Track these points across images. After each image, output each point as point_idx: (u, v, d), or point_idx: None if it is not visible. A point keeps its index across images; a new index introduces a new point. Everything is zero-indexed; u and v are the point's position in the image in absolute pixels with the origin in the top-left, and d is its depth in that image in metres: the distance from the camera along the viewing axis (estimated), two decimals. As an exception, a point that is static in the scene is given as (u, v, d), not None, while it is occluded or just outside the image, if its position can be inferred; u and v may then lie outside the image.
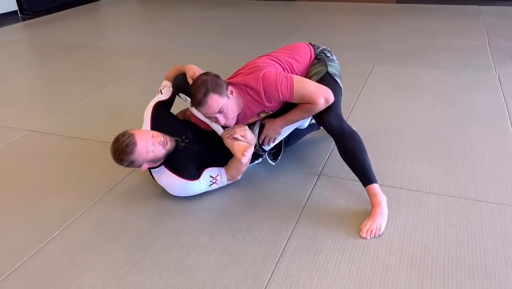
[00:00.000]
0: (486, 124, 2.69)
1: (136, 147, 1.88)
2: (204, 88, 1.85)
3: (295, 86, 1.96)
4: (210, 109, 1.89)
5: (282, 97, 1.98)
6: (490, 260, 1.67)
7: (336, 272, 1.65)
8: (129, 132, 1.93)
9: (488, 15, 5.37)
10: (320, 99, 1.95)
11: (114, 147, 1.91)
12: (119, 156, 1.90)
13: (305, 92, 1.96)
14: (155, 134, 1.99)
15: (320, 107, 1.97)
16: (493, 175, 2.19)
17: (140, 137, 1.91)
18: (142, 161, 1.94)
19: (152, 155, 1.94)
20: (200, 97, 1.85)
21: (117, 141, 1.90)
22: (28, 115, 3.14)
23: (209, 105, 1.87)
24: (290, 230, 1.88)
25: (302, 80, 2.02)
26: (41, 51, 4.80)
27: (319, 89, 1.98)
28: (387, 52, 4.14)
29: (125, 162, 1.91)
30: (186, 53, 4.41)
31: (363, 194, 2.05)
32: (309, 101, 1.97)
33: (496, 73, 3.51)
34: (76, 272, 1.72)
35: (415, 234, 1.83)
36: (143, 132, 1.97)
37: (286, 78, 1.97)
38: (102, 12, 6.77)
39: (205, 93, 1.85)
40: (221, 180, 2.10)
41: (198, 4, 6.82)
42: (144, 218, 2.01)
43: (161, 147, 1.96)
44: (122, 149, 1.88)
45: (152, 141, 1.93)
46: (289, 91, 1.96)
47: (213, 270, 1.69)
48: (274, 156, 2.29)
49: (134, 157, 1.90)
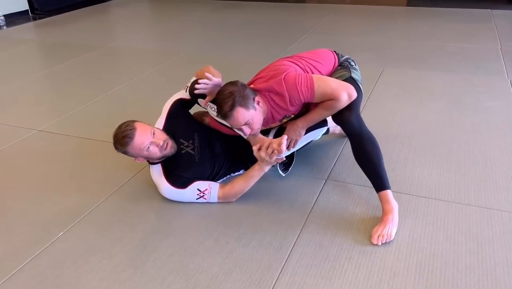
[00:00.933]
0: (497, 130, 2.64)
1: (132, 141, 1.92)
2: (231, 101, 1.82)
3: (316, 85, 1.90)
4: (236, 122, 1.87)
5: (303, 98, 1.92)
6: (501, 270, 1.63)
7: (342, 279, 1.62)
8: (132, 125, 1.95)
9: (500, 19, 5.30)
10: (343, 94, 1.88)
11: (115, 132, 1.97)
12: (115, 143, 1.96)
13: (326, 89, 1.90)
14: (158, 135, 1.98)
15: (343, 103, 1.91)
16: (505, 182, 2.15)
17: (140, 134, 1.93)
18: (135, 155, 1.99)
19: (146, 153, 1.97)
20: (226, 110, 1.83)
21: (120, 128, 1.96)
22: (36, 115, 3.14)
23: (235, 118, 1.85)
24: (296, 235, 1.85)
25: (322, 78, 1.97)
26: (51, 51, 4.82)
27: (340, 85, 1.92)
28: (397, 55, 4.10)
29: (118, 150, 1.97)
30: (194, 54, 4.39)
31: (371, 200, 2.02)
32: (331, 98, 1.90)
33: (508, 78, 3.45)
34: (79, 274, 1.70)
35: (423, 241, 1.79)
36: (145, 129, 1.96)
37: (306, 78, 1.91)
38: (112, 13, 6.79)
39: (231, 106, 1.82)
40: (209, 196, 2.05)
41: (207, 6, 6.82)
42: (148, 221, 1.99)
43: (158, 149, 1.97)
44: (119, 138, 1.93)
45: (151, 141, 1.94)
46: (310, 91, 1.90)
47: (217, 275, 1.67)
48: (285, 166, 2.25)
49: (127, 149, 1.95)
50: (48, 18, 6.33)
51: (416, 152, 2.44)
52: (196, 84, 1.94)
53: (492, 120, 2.76)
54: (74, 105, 3.26)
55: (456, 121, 2.77)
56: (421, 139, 2.57)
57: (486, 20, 5.28)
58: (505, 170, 2.24)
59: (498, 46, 4.26)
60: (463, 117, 2.82)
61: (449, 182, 2.16)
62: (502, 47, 4.20)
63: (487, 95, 3.13)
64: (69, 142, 2.73)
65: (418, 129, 2.69)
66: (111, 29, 5.86)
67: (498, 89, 3.24)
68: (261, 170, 2.03)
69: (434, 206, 2.00)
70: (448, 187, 2.13)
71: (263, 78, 2.01)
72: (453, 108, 2.96)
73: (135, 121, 1.99)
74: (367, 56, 4.09)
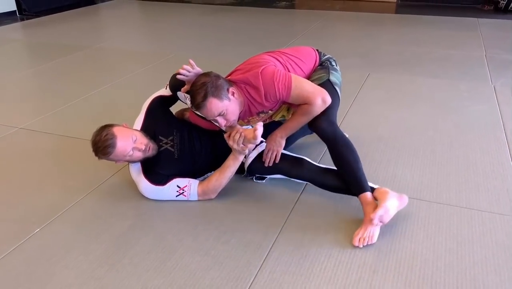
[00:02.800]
0: (480, 133, 2.65)
1: (115, 150, 1.89)
2: (203, 91, 1.80)
3: (293, 85, 1.89)
4: (210, 113, 1.85)
5: (279, 95, 1.91)
6: (479, 269, 1.63)
7: (321, 277, 1.60)
8: (112, 132, 1.89)
9: (486, 27, 5.37)
10: (317, 99, 1.89)
11: (94, 140, 1.91)
12: (96, 151, 1.91)
13: (303, 92, 1.90)
14: (139, 140, 1.94)
15: (318, 108, 1.91)
16: (486, 183, 2.15)
17: (121, 141, 1.89)
18: (116, 160, 1.96)
19: (128, 158, 1.95)
20: (199, 101, 1.81)
21: (99, 136, 1.90)
22: (18, 113, 3.10)
23: (208, 109, 1.83)
24: (276, 233, 1.84)
25: (300, 79, 1.96)
26: (37, 50, 4.77)
27: (316, 89, 1.93)
28: (384, 61, 4.12)
29: (100, 157, 1.93)
30: (183, 55, 4.38)
31: (351, 200, 2.00)
32: (305, 101, 1.90)
33: (492, 83, 3.49)
34: (53, 271, 1.67)
35: (403, 240, 1.78)
36: (126, 135, 1.92)
37: (284, 76, 1.91)
38: (101, 15, 6.76)
39: (204, 97, 1.80)
40: (189, 193, 2.03)
41: (197, 9, 6.83)
42: (127, 219, 1.96)
43: (140, 154, 1.95)
44: (100, 147, 1.89)
45: (132, 146, 1.91)
46: (286, 89, 1.89)
47: (195, 272, 1.64)
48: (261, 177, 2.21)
49: (109, 157, 1.92)
50: (36, 19, 6.28)
51: (399, 153, 2.44)
52: (180, 70, 1.91)
53: (475, 123, 2.78)
54: (58, 103, 3.23)
55: (440, 125, 2.78)
56: (404, 141, 2.58)
57: (472, 28, 5.34)
58: (486, 171, 2.25)
59: (483, 53, 4.30)
60: (447, 120, 2.84)
61: (431, 183, 2.17)
62: (487, 54, 4.25)
63: (471, 100, 3.15)
64: (50, 140, 2.70)
65: (402, 132, 2.70)
66: (99, 30, 5.83)
67: (482, 94, 3.26)
68: (236, 159, 2.01)
69: (416, 205, 1.99)
70: (429, 187, 2.13)
71: (241, 70, 2.00)
72: (437, 112, 2.97)
73: (113, 126, 1.94)
74: (354, 60, 4.11)
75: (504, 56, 4.19)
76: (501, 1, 6.41)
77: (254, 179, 2.19)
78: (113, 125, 1.95)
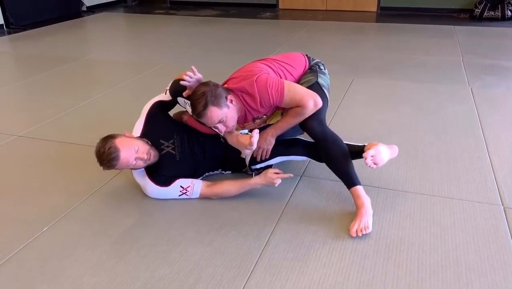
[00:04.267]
0: (459, 131, 2.83)
1: (119, 162, 1.99)
2: (204, 100, 1.92)
3: (285, 90, 2.01)
4: (210, 121, 1.97)
5: (272, 101, 2.03)
6: (461, 250, 1.77)
7: (317, 262, 1.73)
8: (115, 146, 1.97)
9: (462, 34, 5.62)
10: (309, 102, 2.01)
11: (98, 152, 1.99)
12: (100, 163, 2.00)
13: (295, 96, 2.02)
14: (141, 149, 2.03)
15: (309, 111, 2.03)
16: (465, 175, 2.31)
17: (124, 153, 1.98)
18: (120, 169, 2.10)
19: (131, 167, 2.06)
20: (200, 110, 1.93)
21: (103, 148, 1.97)
22: (15, 122, 3.17)
23: (208, 117, 1.95)
24: (273, 224, 1.96)
25: (292, 84, 2.09)
26: (27, 62, 4.84)
27: (308, 92, 2.05)
28: (367, 67, 4.30)
29: (104, 168, 2.03)
30: (171, 65, 4.50)
31: (342, 193, 2.14)
32: (298, 104, 2.02)
33: (469, 86, 3.69)
34: (64, 264, 1.76)
35: (391, 228, 1.92)
36: (128, 146, 2.00)
37: (277, 83, 2.03)
38: (88, 27, 6.85)
39: (204, 106, 1.92)
40: (192, 192, 2.13)
41: (184, 21, 6.96)
42: (131, 216, 2.06)
43: (142, 162, 2.05)
44: (105, 160, 1.98)
45: (135, 157, 2.01)
46: (279, 95, 2.01)
47: (199, 261, 1.75)
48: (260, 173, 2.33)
49: (114, 167, 2.02)
50: (23, 32, 6.33)
51: (385, 151, 2.59)
52: (183, 76, 2.02)
53: (454, 123, 2.96)
54: (53, 113, 3.31)
55: (422, 124, 2.95)
56: (389, 140, 2.71)
57: (449, 35, 5.59)
58: (466, 165, 2.42)
59: (460, 58, 4.52)
60: (428, 120, 3.01)
61: (415, 177, 2.32)
62: (464, 59, 4.47)
63: (450, 102, 3.34)
64: (49, 146, 2.78)
65: (386, 132, 2.86)
66: (87, 42, 5.92)
67: (460, 96, 3.45)
68: (255, 184, 2.13)
69: (402, 197, 2.14)
70: (414, 180, 2.28)
71: (237, 78, 2.12)
72: (418, 113, 3.14)
73: (115, 138, 2.01)
74: (338, 67, 4.28)
75: (480, 60, 4.41)
76: (476, 10, 6.71)
77: (254, 175, 2.30)
78: (115, 137, 2.02)
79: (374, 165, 1.98)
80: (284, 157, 2.25)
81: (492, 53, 4.69)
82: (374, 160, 1.97)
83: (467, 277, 1.64)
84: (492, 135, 2.77)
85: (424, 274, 1.66)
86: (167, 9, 8.22)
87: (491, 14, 6.60)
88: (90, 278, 1.68)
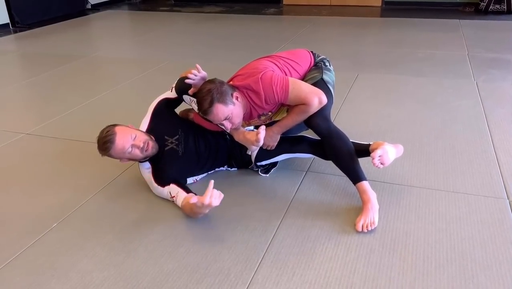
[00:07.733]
0: (464, 125, 2.83)
1: (113, 145, 2.03)
2: (210, 98, 1.94)
3: (290, 87, 2.02)
4: (216, 118, 1.99)
5: (277, 98, 2.04)
6: (467, 244, 1.78)
7: (323, 256, 1.75)
8: (112, 130, 2.05)
9: (467, 28, 5.60)
10: (314, 99, 2.02)
11: (97, 137, 2.08)
12: (98, 148, 2.07)
13: (300, 93, 2.03)
14: (139, 138, 2.06)
15: (314, 108, 2.04)
16: (471, 169, 2.32)
17: (120, 138, 2.03)
18: (118, 157, 2.10)
19: (128, 155, 2.08)
20: (206, 107, 1.95)
21: (101, 133, 2.06)
22: (23, 120, 3.21)
23: (214, 114, 1.97)
24: (279, 219, 1.98)
25: (297, 81, 2.10)
26: (33, 61, 4.87)
27: (313, 90, 2.05)
28: (372, 62, 4.30)
29: (102, 154, 2.08)
30: (176, 63, 4.52)
31: (347, 188, 2.16)
32: (303, 102, 2.03)
33: (474, 80, 3.68)
34: (74, 259, 1.79)
35: (397, 222, 1.93)
36: (125, 133, 2.05)
37: (282, 80, 2.04)
38: (93, 25, 6.88)
39: (210, 103, 1.94)
40: (177, 201, 2.07)
41: (188, 18, 6.98)
42: (138, 211, 2.08)
43: (139, 151, 2.07)
44: (100, 143, 2.05)
45: (131, 144, 2.04)
46: (284, 92, 2.02)
47: (207, 256, 1.77)
48: (266, 170, 2.36)
49: (110, 153, 2.06)
50: (29, 31, 6.38)
51: (390, 146, 2.60)
52: (188, 74, 2.05)
53: (460, 117, 2.96)
54: (60, 110, 3.34)
55: (427, 119, 2.95)
56: (394, 135, 2.74)
57: (454, 29, 5.57)
58: (471, 159, 2.42)
59: (466, 52, 4.51)
60: (433, 115, 3.01)
61: (420, 171, 2.32)
62: (469, 54, 4.46)
63: (455, 96, 3.33)
64: (57, 144, 2.81)
65: (391, 127, 2.86)
66: (93, 40, 5.95)
67: (466, 90, 3.45)
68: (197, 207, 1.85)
69: (407, 191, 2.15)
70: (419, 175, 2.29)
71: (242, 76, 2.14)
72: (424, 107, 3.15)
73: (116, 126, 2.09)
74: (343, 62, 4.29)
75: (486, 54, 4.40)
76: (482, 3, 6.67)
77: (260, 172, 2.33)
78: (116, 125, 2.10)
79: (381, 165, 1.99)
80: (289, 154, 2.27)
81: (497, 47, 4.67)
82: (381, 160, 1.99)
83: (472, 270, 1.65)
84: (498, 129, 2.77)
85: (429, 267, 1.67)
86: (172, 6, 8.24)
87: (497, 7, 6.57)
88: (99, 273, 1.71)
